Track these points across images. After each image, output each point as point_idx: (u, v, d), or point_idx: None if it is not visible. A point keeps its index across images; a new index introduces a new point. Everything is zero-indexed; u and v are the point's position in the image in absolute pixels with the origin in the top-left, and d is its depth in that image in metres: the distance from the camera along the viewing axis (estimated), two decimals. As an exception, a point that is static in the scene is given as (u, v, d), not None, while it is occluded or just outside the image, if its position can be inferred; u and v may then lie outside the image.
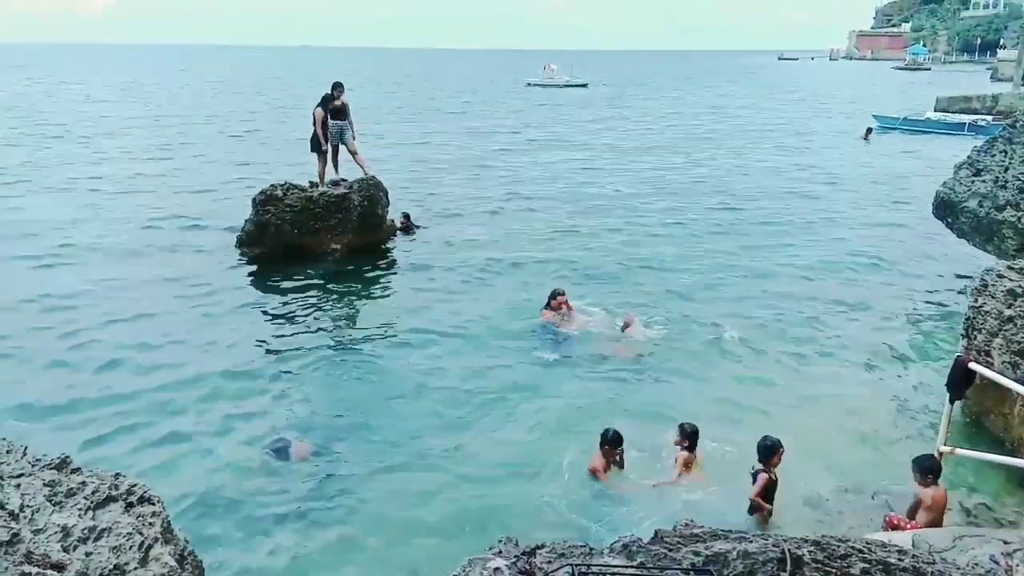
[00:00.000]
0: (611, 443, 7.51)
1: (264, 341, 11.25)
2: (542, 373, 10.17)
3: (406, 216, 17.03)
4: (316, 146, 15.11)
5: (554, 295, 11.34)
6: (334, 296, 13.27)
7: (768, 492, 6.94)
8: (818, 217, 19.74)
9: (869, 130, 36.81)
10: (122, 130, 36.64)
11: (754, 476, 6.97)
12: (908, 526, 6.39)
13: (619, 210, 20.42)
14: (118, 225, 17.82)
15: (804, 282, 14.17)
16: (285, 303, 12.88)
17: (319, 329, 11.80)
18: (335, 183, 15.29)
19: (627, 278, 14.27)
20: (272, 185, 14.89)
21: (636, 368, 10.38)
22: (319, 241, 14.85)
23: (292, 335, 11.50)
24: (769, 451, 6.96)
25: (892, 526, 6.45)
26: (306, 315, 12.35)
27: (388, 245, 15.99)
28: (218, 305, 12.61)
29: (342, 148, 15.46)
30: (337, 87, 15.19)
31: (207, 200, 20.49)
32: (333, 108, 15.09)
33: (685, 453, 7.58)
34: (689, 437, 7.64)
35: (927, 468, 6.52)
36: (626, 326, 11.20)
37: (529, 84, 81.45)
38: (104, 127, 37.76)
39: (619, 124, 43.52)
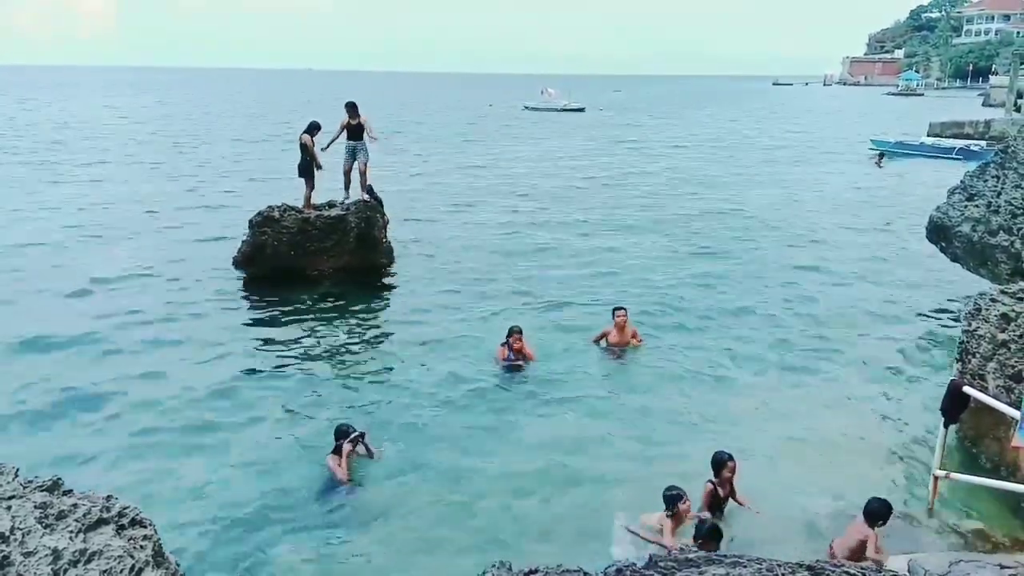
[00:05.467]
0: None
1: (258, 364, 11.23)
2: (529, 401, 10.10)
3: (370, 188, 16.89)
4: (304, 171, 15.16)
5: (511, 332, 11.07)
6: (330, 319, 13.26)
7: (713, 503, 7.28)
8: (816, 240, 19.83)
9: (881, 155, 37.11)
10: (118, 150, 36.79)
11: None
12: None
13: (621, 231, 20.54)
14: (112, 245, 17.86)
15: (799, 306, 14.18)
16: (281, 325, 12.87)
17: (314, 352, 11.78)
18: (343, 203, 15.37)
19: (623, 298, 14.28)
20: (269, 207, 14.92)
21: (629, 390, 10.41)
22: (316, 263, 14.86)
23: (286, 358, 11.47)
24: (716, 464, 7.33)
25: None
26: (301, 338, 12.33)
27: (386, 267, 15.99)
28: (214, 327, 12.60)
29: (351, 166, 15.52)
30: (351, 107, 15.28)
31: (203, 221, 20.55)
32: (350, 127, 15.20)
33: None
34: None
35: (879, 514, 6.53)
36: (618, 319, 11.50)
37: (527, 108, 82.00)
38: (99, 148, 37.89)
39: (621, 148, 43.78)
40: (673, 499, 6.91)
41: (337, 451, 8.01)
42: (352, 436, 8.07)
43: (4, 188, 25.26)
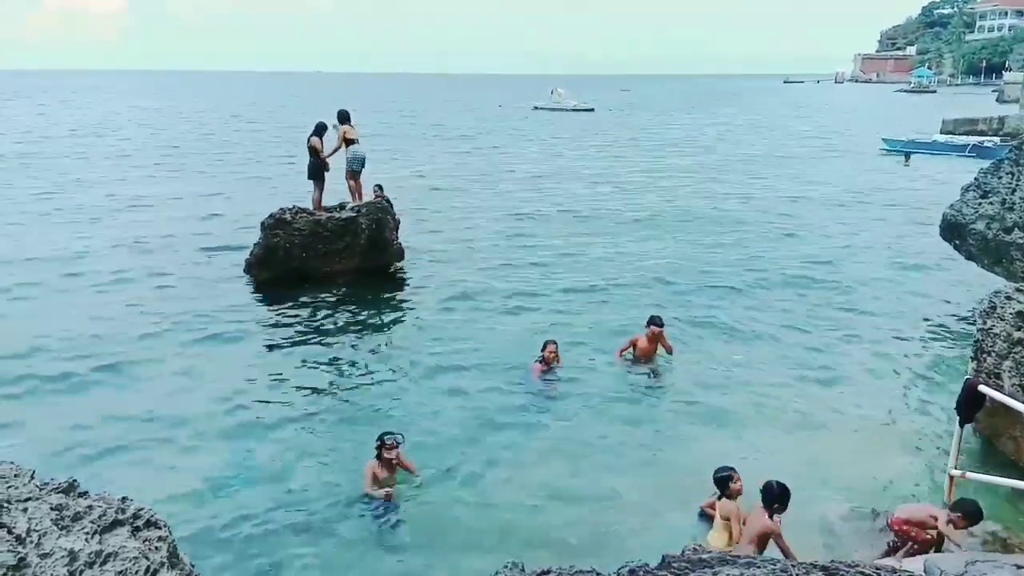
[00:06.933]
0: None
1: (270, 366, 11.27)
2: (549, 406, 10.05)
3: (379, 187, 16.81)
4: (313, 174, 15.20)
5: (545, 345, 10.96)
6: (342, 321, 13.28)
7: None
8: (830, 237, 19.75)
9: (908, 155, 36.77)
10: (129, 153, 37.05)
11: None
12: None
13: (632, 229, 20.52)
14: (126, 248, 17.98)
15: (815, 305, 14.12)
16: (293, 328, 12.90)
17: (325, 355, 11.81)
18: (354, 207, 15.40)
19: (635, 299, 14.27)
20: (281, 209, 14.98)
21: (641, 394, 10.38)
22: (327, 265, 14.90)
23: (299, 360, 11.51)
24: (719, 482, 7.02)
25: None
26: (313, 340, 12.36)
27: (396, 268, 16.03)
28: (226, 329, 12.64)
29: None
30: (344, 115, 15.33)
31: (215, 224, 20.66)
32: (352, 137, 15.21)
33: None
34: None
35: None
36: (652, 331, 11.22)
37: (536, 108, 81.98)
38: (111, 151, 38.15)
39: (634, 148, 43.68)
40: (725, 480, 6.86)
41: (379, 458, 7.79)
42: (382, 444, 7.75)
43: (26, 195, 25.47)
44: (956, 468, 6.97)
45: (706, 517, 7.22)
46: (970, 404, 6.86)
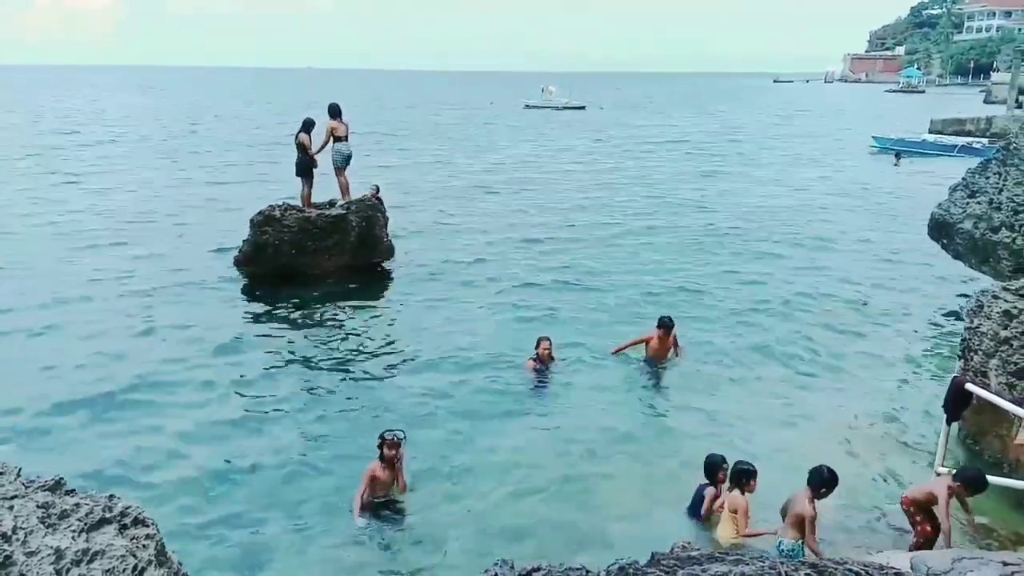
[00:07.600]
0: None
1: (259, 365, 11.19)
2: (542, 404, 10.06)
3: (376, 188, 16.67)
4: (301, 170, 15.12)
5: (539, 343, 10.90)
6: (331, 319, 13.24)
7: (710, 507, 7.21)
8: (820, 237, 19.82)
9: (898, 154, 36.93)
10: (122, 149, 36.81)
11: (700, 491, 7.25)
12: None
13: (623, 230, 20.53)
14: (113, 247, 17.84)
15: (803, 304, 14.17)
16: (282, 326, 12.85)
17: (315, 352, 11.76)
18: (343, 205, 15.32)
19: (624, 300, 14.29)
20: (271, 206, 14.89)
21: (635, 393, 10.40)
22: (317, 262, 14.83)
23: (287, 359, 11.45)
24: (714, 468, 7.24)
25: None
26: (302, 339, 12.31)
27: (386, 266, 15.99)
28: (214, 328, 12.55)
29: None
30: (334, 109, 15.20)
31: (203, 221, 20.54)
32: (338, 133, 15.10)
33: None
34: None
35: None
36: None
37: (528, 106, 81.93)
38: (102, 146, 37.90)
39: (623, 147, 43.71)
40: (748, 475, 6.88)
41: (381, 458, 7.57)
42: (383, 441, 7.52)
43: (12, 188, 25.28)
44: (943, 466, 7.03)
45: (698, 514, 7.24)
46: (957, 402, 6.92)
